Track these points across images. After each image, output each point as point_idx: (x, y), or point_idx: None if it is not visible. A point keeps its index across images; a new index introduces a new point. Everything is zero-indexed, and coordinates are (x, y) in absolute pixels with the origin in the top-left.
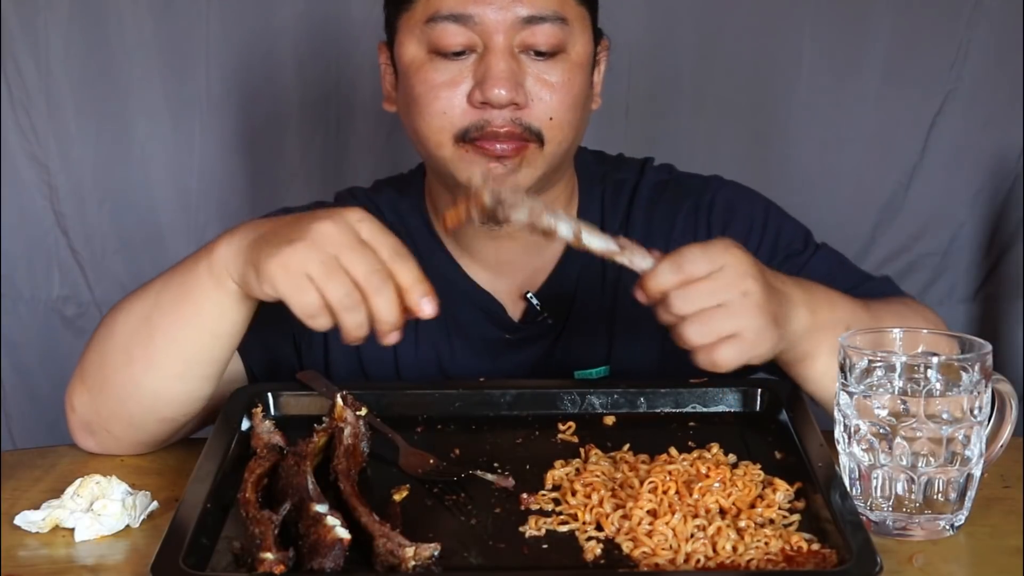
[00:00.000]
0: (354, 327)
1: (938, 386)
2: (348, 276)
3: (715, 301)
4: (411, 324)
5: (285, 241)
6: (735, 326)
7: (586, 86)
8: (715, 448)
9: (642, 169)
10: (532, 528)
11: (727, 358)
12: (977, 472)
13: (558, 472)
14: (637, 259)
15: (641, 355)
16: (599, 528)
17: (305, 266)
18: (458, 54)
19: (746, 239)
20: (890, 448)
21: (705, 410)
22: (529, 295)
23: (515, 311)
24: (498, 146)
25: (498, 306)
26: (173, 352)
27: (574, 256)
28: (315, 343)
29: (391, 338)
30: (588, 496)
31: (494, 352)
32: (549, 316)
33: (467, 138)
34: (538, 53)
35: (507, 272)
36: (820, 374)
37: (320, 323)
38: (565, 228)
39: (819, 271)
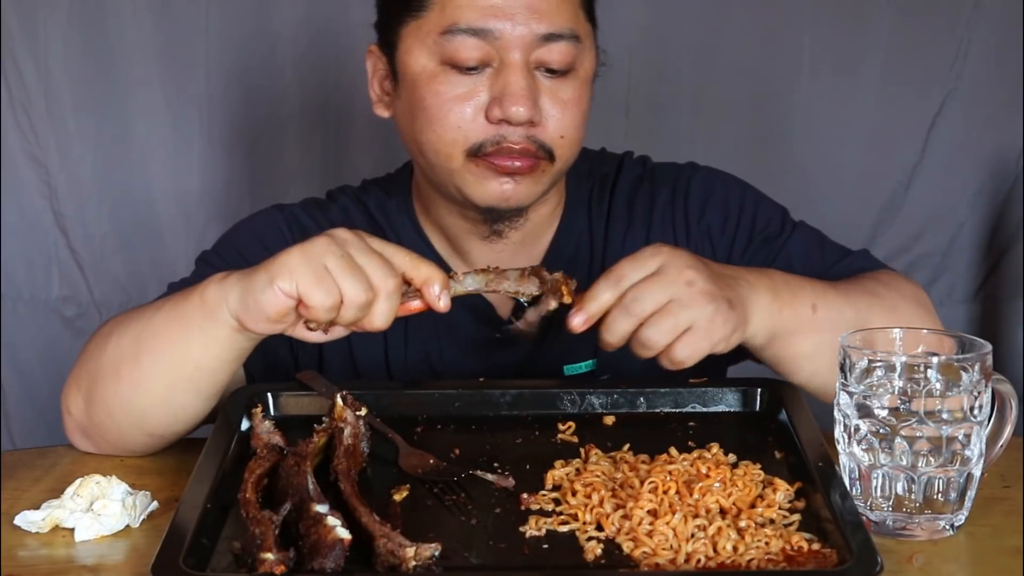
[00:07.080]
0: (346, 323)
1: (938, 386)
2: (365, 275)
3: (665, 296)
4: (401, 325)
5: (299, 244)
6: (688, 318)
7: (591, 102)
8: (715, 448)
9: (620, 164)
10: (532, 528)
11: (684, 353)
12: (977, 472)
13: (558, 472)
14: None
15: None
16: (599, 528)
17: (324, 257)
18: (472, 68)
19: (723, 224)
20: (890, 448)
21: (705, 410)
22: None
23: (504, 310)
24: (513, 163)
25: (487, 305)
26: (158, 376)
27: (561, 252)
28: (310, 343)
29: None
30: (588, 496)
31: (484, 351)
32: None
33: (480, 152)
34: (549, 70)
35: None
36: (799, 354)
37: (326, 317)
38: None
39: (796, 250)
